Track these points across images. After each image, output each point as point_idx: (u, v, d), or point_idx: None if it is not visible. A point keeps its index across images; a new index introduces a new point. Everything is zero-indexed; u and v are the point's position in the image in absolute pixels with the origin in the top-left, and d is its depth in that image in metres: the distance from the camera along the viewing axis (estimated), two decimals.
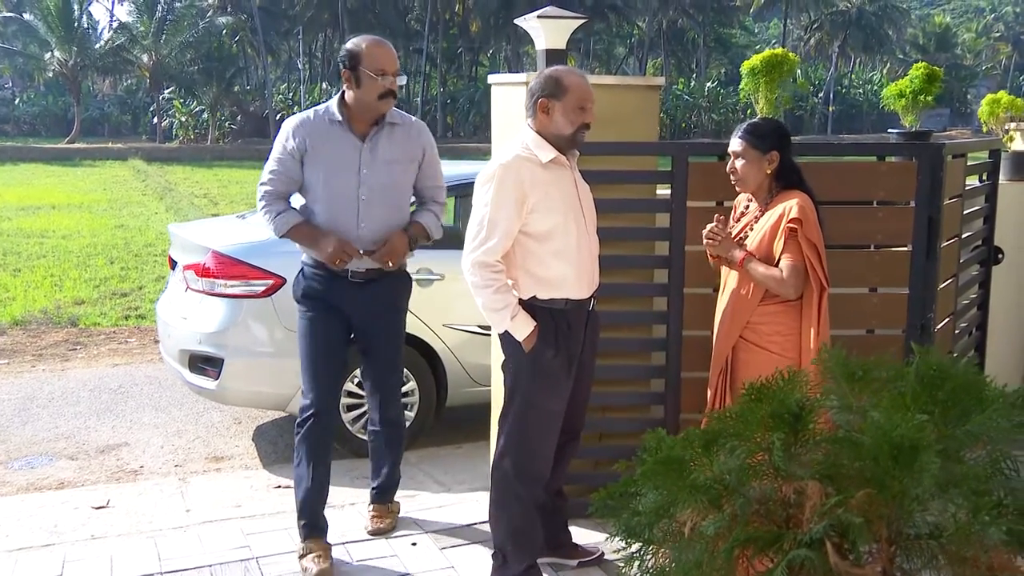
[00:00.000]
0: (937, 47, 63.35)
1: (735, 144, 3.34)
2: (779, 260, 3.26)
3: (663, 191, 4.01)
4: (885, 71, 61.00)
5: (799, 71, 54.52)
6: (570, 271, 3.22)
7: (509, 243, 3.18)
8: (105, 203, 18.74)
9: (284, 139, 3.67)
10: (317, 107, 3.74)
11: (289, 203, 3.73)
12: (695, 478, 1.65)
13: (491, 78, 4.23)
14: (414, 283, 5.20)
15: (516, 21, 4.39)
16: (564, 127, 3.18)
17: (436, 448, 5.24)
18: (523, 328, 3.19)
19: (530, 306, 3.23)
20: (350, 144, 3.66)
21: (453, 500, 4.40)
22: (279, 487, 4.74)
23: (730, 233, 3.38)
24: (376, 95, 3.58)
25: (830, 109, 54.00)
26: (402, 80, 3.54)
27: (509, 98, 4.03)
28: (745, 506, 1.63)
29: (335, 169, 3.66)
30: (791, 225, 3.20)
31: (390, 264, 3.72)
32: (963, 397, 1.67)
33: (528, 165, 3.18)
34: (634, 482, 1.73)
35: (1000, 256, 5.07)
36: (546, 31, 4.09)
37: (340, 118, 3.66)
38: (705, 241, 3.43)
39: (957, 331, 4.57)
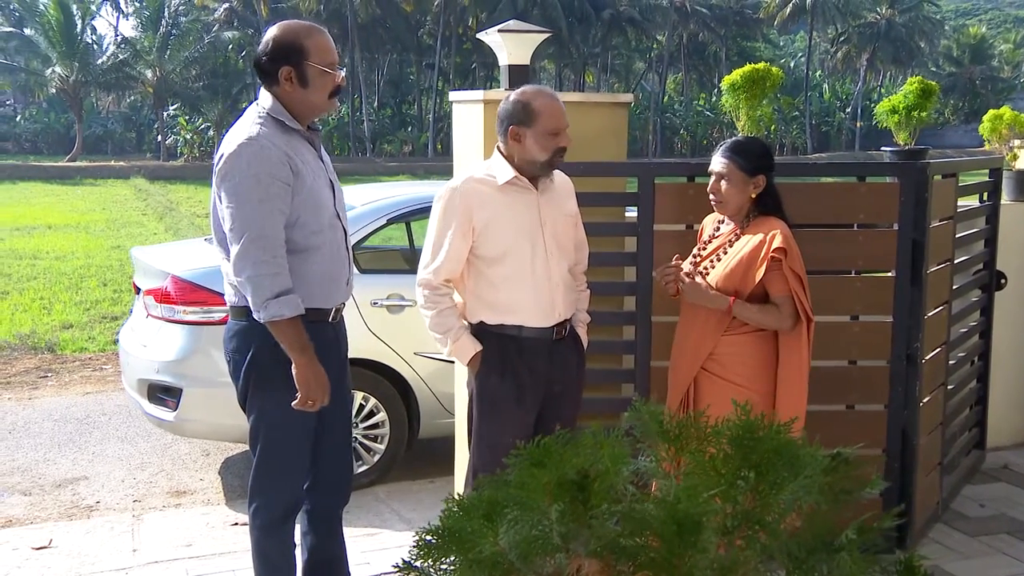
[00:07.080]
0: (972, 59, 60.30)
1: (718, 164, 3.10)
2: (752, 290, 3.05)
3: (632, 213, 3.79)
4: None
5: (825, 86, 52.72)
6: (523, 297, 3.06)
7: (457, 266, 3.07)
8: (103, 223, 18.59)
9: (270, 169, 2.72)
10: (252, 117, 2.83)
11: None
12: (478, 552, 1.45)
13: (452, 95, 4.04)
14: (384, 309, 5.06)
15: (479, 35, 4.18)
16: (538, 154, 3.00)
17: (408, 482, 4.99)
18: (465, 352, 3.07)
19: (479, 330, 3.10)
20: (312, 155, 2.91)
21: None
22: (236, 524, 4.50)
23: (702, 280, 3.13)
24: (328, 93, 2.85)
25: (858, 125, 52.50)
26: (341, 72, 2.87)
27: (467, 115, 3.83)
28: None
29: (319, 191, 2.88)
30: (776, 255, 2.99)
31: None
32: (777, 461, 1.49)
33: (479, 187, 3.06)
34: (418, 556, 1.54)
35: (1003, 281, 4.78)
36: (508, 46, 3.87)
37: (297, 125, 2.85)
38: (663, 282, 3.20)
39: (953, 361, 4.30)
